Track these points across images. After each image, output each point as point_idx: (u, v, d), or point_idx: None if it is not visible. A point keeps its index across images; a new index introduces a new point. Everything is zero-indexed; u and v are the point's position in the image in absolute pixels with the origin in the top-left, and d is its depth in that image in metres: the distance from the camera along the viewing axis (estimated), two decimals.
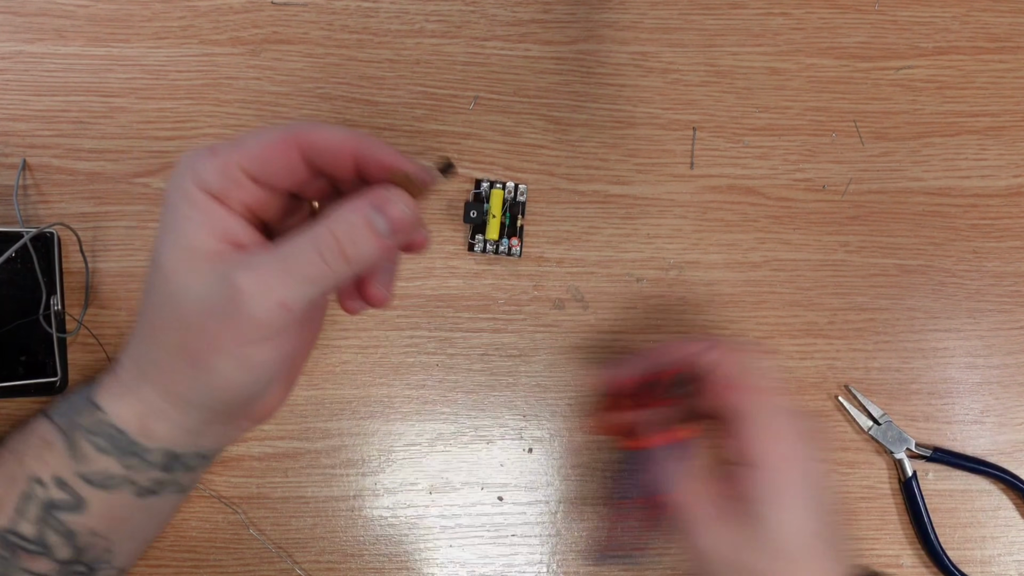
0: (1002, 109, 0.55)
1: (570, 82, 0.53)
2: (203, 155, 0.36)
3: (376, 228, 0.35)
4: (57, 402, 0.43)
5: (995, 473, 0.51)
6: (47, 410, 0.43)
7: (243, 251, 0.35)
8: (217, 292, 0.34)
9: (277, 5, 0.53)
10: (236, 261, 0.34)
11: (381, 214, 0.35)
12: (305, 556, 0.50)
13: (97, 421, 0.40)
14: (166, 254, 0.35)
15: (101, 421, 0.40)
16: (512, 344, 0.51)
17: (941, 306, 0.53)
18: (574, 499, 0.51)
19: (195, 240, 0.35)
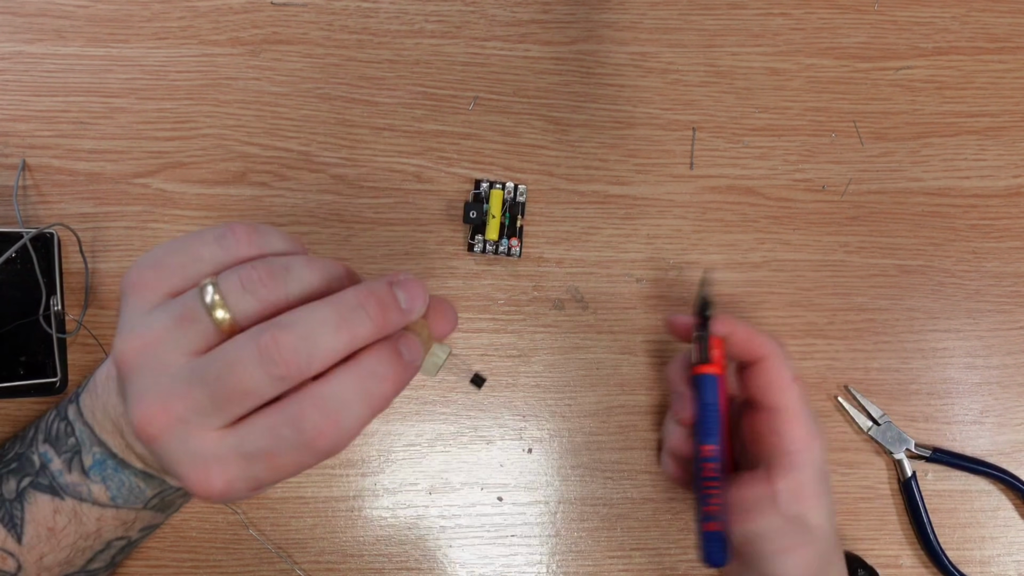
0: (1001, 109, 0.55)
1: (570, 82, 0.53)
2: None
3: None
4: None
5: (994, 473, 0.51)
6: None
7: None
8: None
9: (277, 5, 0.53)
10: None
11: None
12: (305, 556, 0.50)
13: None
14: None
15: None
16: (512, 344, 0.51)
17: (940, 306, 0.53)
18: (574, 499, 0.51)
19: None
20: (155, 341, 0.30)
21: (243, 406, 0.29)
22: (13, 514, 0.38)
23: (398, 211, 0.52)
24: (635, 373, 0.52)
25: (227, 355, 0.29)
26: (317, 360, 0.29)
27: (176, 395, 0.30)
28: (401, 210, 0.52)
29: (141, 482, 0.38)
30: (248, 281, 0.30)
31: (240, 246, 0.32)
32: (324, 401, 0.29)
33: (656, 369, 0.52)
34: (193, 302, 0.31)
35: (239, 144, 0.52)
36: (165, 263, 0.32)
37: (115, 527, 0.40)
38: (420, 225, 0.52)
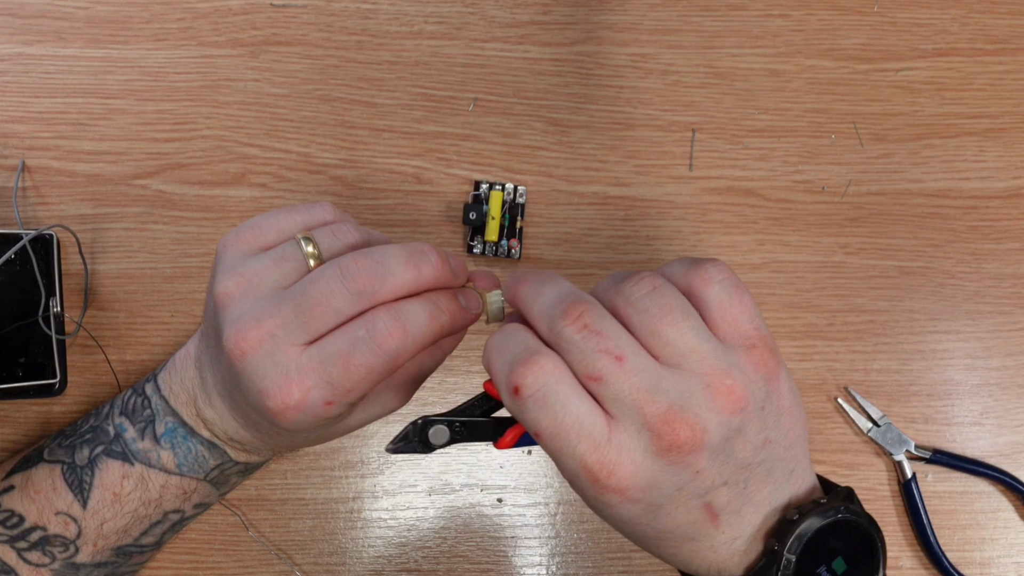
0: (1001, 111, 0.55)
1: (569, 84, 0.53)
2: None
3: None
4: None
5: (994, 475, 0.51)
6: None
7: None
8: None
9: (276, 7, 0.53)
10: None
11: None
12: (304, 558, 0.50)
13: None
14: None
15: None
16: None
17: (940, 308, 0.53)
18: (574, 501, 0.51)
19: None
20: (254, 276, 0.35)
21: (324, 320, 0.33)
22: (83, 479, 0.41)
23: (398, 212, 0.52)
24: None
25: (313, 275, 0.34)
26: (388, 282, 0.33)
27: (267, 313, 0.33)
28: (401, 211, 0.52)
29: (206, 451, 0.41)
30: (338, 231, 0.36)
31: (326, 214, 0.37)
32: (395, 310, 0.33)
33: None
34: (290, 247, 0.35)
35: (238, 145, 0.52)
36: (262, 224, 0.37)
37: (175, 496, 0.42)
38: (419, 226, 0.52)
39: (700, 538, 0.33)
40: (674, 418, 0.30)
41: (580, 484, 0.31)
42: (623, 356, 0.31)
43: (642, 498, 0.31)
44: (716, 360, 0.31)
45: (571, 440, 0.30)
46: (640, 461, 0.30)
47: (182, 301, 0.51)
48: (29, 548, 0.41)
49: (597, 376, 0.30)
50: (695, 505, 0.32)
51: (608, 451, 0.30)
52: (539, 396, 0.30)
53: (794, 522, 0.32)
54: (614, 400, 0.30)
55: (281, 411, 0.33)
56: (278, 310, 0.33)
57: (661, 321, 0.31)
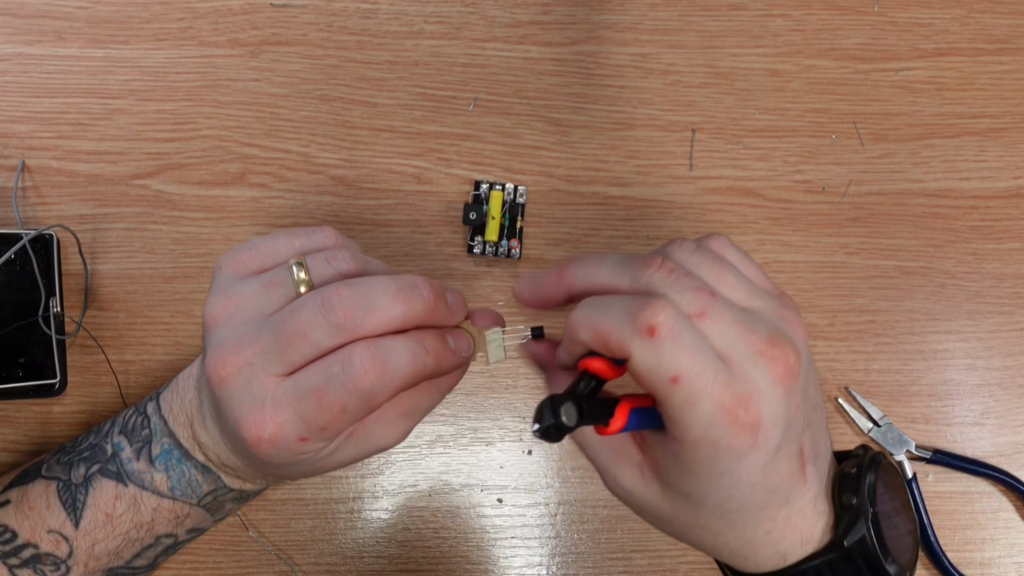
0: (1002, 111, 0.55)
1: (569, 84, 0.53)
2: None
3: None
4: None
5: (995, 475, 0.51)
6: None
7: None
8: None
9: (276, 7, 0.53)
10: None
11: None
12: (304, 558, 0.50)
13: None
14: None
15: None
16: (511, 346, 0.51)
17: (941, 308, 0.53)
18: (574, 501, 0.51)
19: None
20: (241, 300, 0.34)
21: (300, 351, 0.32)
22: (76, 498, 0.41)
23: (398, 212, 0.52)
24: None
25: (295, 304, 0.33)
26: (372, 316, 0.32)
27: (248, 340, 0.33)
28: (400, 211, 0.52)
29: (199, 475, 0.40)
30: (333, 258, 0.35)
31: (327, 240, 0.37)
32: (375, 347, 0.32)
33: None
34: (281, 272, 0.35)
35: (238, 145, 0.52)
36: (259, 246, 0.36)
37: (167, 520, 0.42)
38: (419, 226, 0.52)
39: (793, 499, 0.32)
40: (779, 341, 0.30)
41: (714, 433, 0.29)
42: (714, 292, 0.31)
43: (769, 438, 0.30)
44: (773, 300, 0.32)
45: (709, 378, 0.29)
46: (764, 391, 0.29)
47: (182, 301, 0.50)
48: (20, 565, 0.41)
49: (701, 312, 0.30)
50: (794, 450, 0.31)
51: (739, 385, 0.29)
52: (676, 332, 0.29)
53: (855, 474, 0.33)
54: (720, 335, 0.30)
55: (255, 443, 0.33)
56: (258, 338, 0.33)
57: (719, 270, 0.32)
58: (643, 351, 0.29)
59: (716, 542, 0.33)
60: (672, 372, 0.29)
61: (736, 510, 0.32)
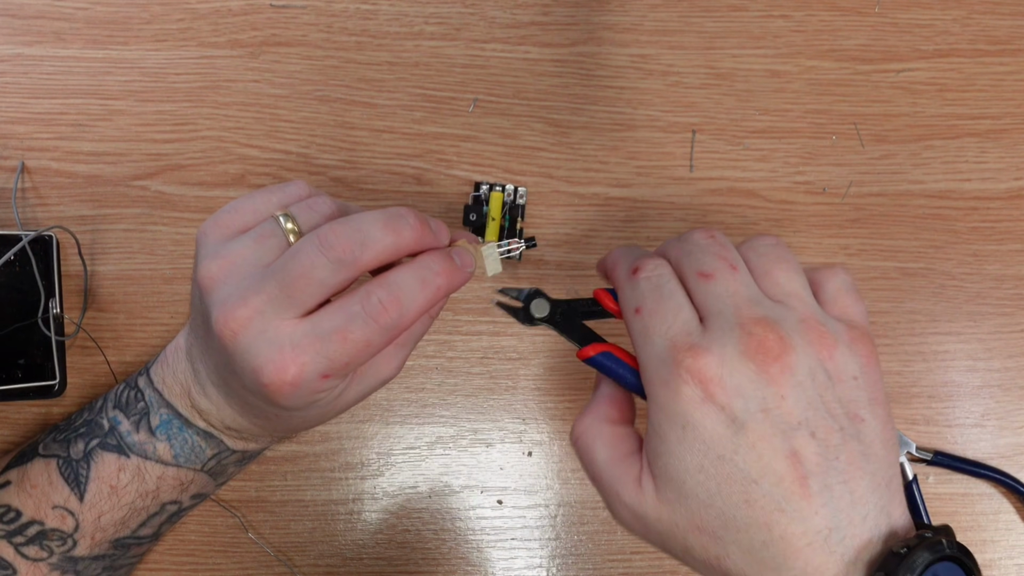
0: (1003, 112, 0.55)
1: (570, 84, 0.53)
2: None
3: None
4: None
5: (996, 477, 0.51)
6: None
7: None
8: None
9: (276, 7, 0.53)
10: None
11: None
12: (304, 560, 0.50)
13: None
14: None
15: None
16: (512, 347, 0.51)
17: (941, 309, 0.53)
18: (574, 503, 0.51)
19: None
20: (236, 257, 0.35)
21: (309, 293, 0.33)
22: (79, 472, 0.42)
23: None
24: None
25: (292, 249, 0.34)
26: (368, 248, 0.34)
27: (252, 291, 0.34)
28: None
29: (203, 441, 0.42)
30: (315, 204, 0.37)
31: (301, 191, 0.38)
32: (388, 283, 0.34)
33: None
34: (269, 224, 0.36)
35: (238, 146, 0.52)
36: (239, 207, 0.37)
37: (172, 488, 0.43)
38: None
39: (789, 508, 0.29)
40: (766, 324, 0.31)
41: (663, 371, 0.31)
42: (737, 267, 0.33)
43: (726, 403, 0.30)
44: (815, 310, 0.33)
45: (667, 319, 0.32)
46: (727, 355, 0.30)
47: (182, 302, 0.50)
48: (26, 543, 0.41)
49: (709, 273, 0.33)
50: (780, 447, 0.30)
51: (699, 338, 0.31)
52: (652, 278, 0.33)
53: (903, 555, 0.29)
54: (716, 299, 0.32)
55: (278, 387, 0.34)
56: (263, 287, 0.34)
57: (776, 266, 0.34)
58: (624, 282, 0.34)
59: (719, 552, 0.31)
60: (636, 303, 0.33)
61: (716, 493, 0.30)
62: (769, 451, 0.30)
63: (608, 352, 0.36)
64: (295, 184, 0.38)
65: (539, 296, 0.39)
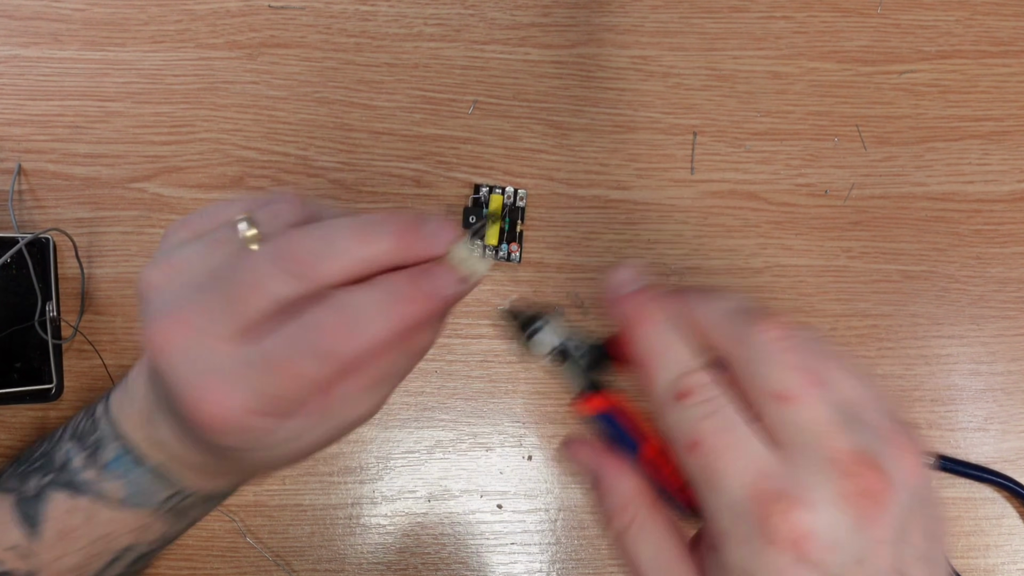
0: (1006, 113, 0.54)
1: (570, 86, 0.53)
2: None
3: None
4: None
5: (999, 481, 0.51)
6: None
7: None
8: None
9: (274, 9, 0.52)
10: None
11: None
12: (303, 564, 0.49)
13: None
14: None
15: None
16: (511, 350, 0.51)
17: (944, 312, 0.53)
18: (574, 507, 0.50)
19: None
20: (183, 263, 0.30)
21: (255, 307, 0.28)
22: (33, 513, 0.38)
23: None
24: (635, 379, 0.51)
25: (244, 257, 0.29)
26: (332, 260, 0.28)
27: (192, 302, 0.28)
28: None
29: (155, 481, 0.37)
30: (281, 211, 0.30)
31: (281, 202, 0.32)
32: (342, 304, 0.28)
33: None
34: (226, 229, 0.30)
35: (236, 148, 0.51)
36: (208, 211, 0.32)
37: (128, 532, 0.38)
38: None
39: None
40: (865, 460, 0.25)
41: (742, 528, 0.25)
42: (823, 382, 0.26)
43: (821, 560, 0.25)
44: (889, 419, 0.27)
45: (739, 458, 0.25)
46: (824, 503, 0.25)
47: None
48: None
49: (788, 395, 0.26)
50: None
51: (785, 481, 0.25)
52: (708, 401, 0.26)
53: None
54: (797, 429, 0.26)
55: (202, 421, 0.28)
56: (202, 297, 0.28)
57: (832, 365, 0.27)
58: (669, 406, 0.27)
59: None
60: (691, 436, 0.26)
61: None
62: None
63: (613, 413, 0.30)
64: (280, 194, 0.32)
65: (547, 324, 0.31)
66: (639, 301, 0.30)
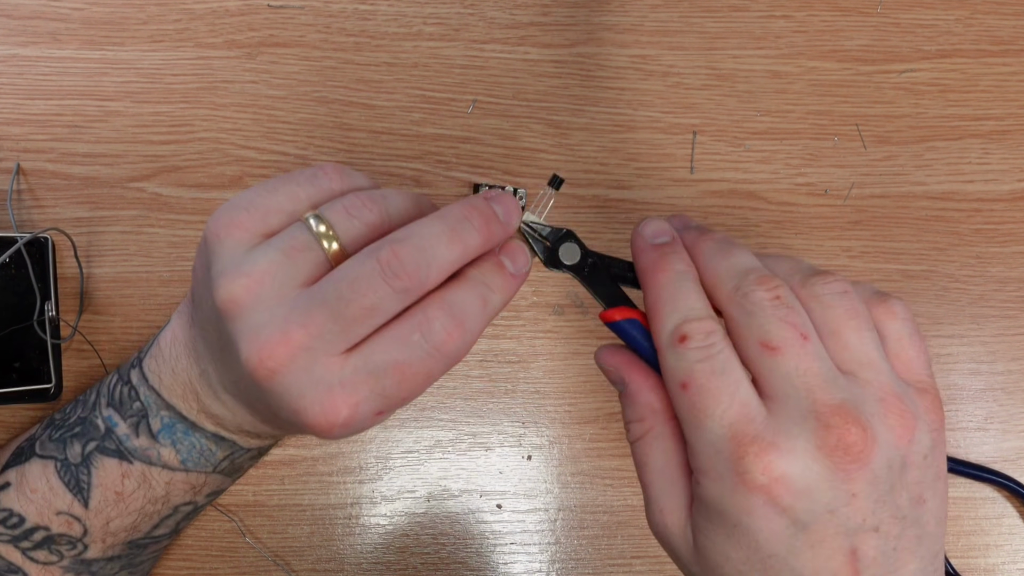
0: (1006, 112, 0.54)
1: (569, 86, 0.53)
2: None
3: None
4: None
5: (999, 480, 0.51)
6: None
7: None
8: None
9: (273, 8, 0.52)
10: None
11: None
12: (302, 565, 0.49)
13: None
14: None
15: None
16: (511, 350, 0.51)
17: (944, 312, 0.53)
18: (574, 507, 0.50)
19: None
20: (264, 276, 0.30)
21: (368, 324, 0.29)
22: (80, 478, 0.38)
23: None
24: None
25: (347, 274, 0.29)
26: (435, 270, 0.30)
27: (295, 323, 0.29)
28: None
29: (212, 444, 0.38)
30: (353, 207, 0.31)
31: (333, 183, 0.33)
32: (449, 305, 0.30)
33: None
34: (300, 233, 0.30)
35: (235, 148, 0.51)
36: (259, 204, 0.31)
37: (184, 491, 0.39)
38: None
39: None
40: (847, 414, 0.27)
41: (717, 464, 0.27)
42: (808, 336, 0.28)
43: (791, 505, 0.26)
44: (891, 380, 0.29)
45: (723, 400, 0.27)
46: (799, 451, 0.26)
47: (178, 306, 0.50)
48: (34, 547, 0.39)
49: (776, 345, 0.28)
50: (840, 546, 0.27)
51: (764, 427, 0.27)
52: (704, 347, 0.28)
53: None
54: (784, 377, 0.28)
55: (326, 429, 0.30)
56: (309, 318, 0.29)
57: (846, 324, 0.29)
58: (667, 347, 0.29)
59: None
60: (683, 377, 0.28)
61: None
62: (827, 552, 0.27)
63: (636, 321, 0.32)
64: (324, 173, 0.32)
65: (571, 240, 0.35)
66: (660, 252, 0.32)
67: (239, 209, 0.31)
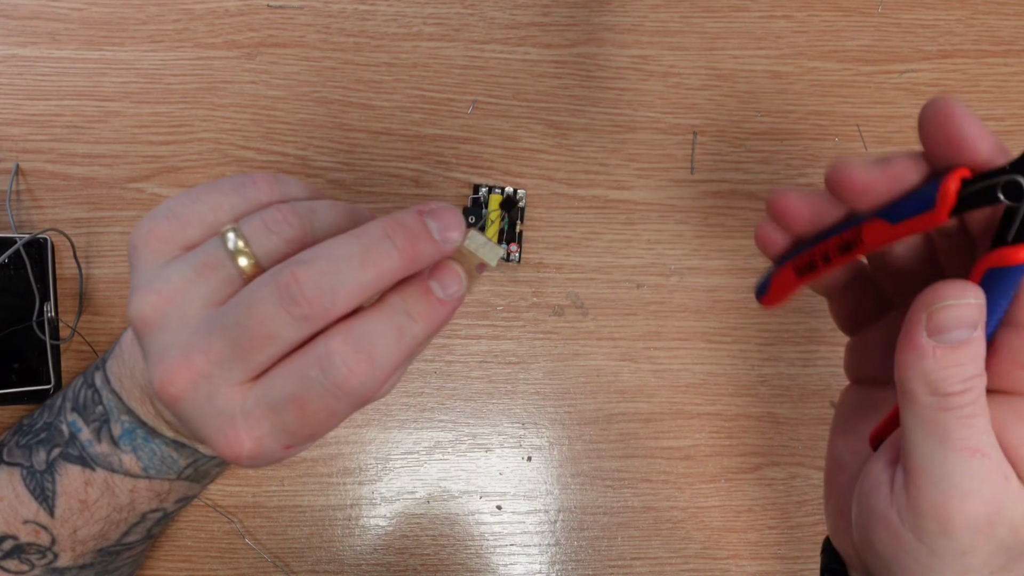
0: (1007, 113, 0.54)
1: (569, 86, 0.53)
2: None
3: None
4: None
5: None
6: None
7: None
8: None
9: (273, 8, 0.52)
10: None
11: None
12: (302, 566, 0.49)
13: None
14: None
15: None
16: (511, 351, 0.51)
17: None
18: (574, 508, 0.50)
19: None
20: (174, 294, 0.28)
21: (266, 353, 0.27)
22: (44, 486, 0.37)
23: None
24: (635, 380, 0.51)
25: (246, 298, 0.27)
26: (341, 296, 0.27)
27: (196, 348, 0.27)
28: None
29: (173, 451, 0.36)
30: (273, 222, 0.28)
31: (261, 193, 0.30)
32: (353, 337, 0.27)
33: (657, 376, 0.51)
34: (214, 249, 0.29)
35: (235, 148, 0.51)
36: (180, 213, 0.29)
37: (149, 499, 0.38)
38: None
39: None
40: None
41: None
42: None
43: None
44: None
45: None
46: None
47: None
48: (4, 557, 0.38)
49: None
50: None
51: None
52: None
53: None
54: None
55: (234, 460, 0.29)
56: (210, 344, 0.27)
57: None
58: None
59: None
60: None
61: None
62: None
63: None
64: (252, 181, 0.30)
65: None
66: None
67: (159, 218, 0.30)
